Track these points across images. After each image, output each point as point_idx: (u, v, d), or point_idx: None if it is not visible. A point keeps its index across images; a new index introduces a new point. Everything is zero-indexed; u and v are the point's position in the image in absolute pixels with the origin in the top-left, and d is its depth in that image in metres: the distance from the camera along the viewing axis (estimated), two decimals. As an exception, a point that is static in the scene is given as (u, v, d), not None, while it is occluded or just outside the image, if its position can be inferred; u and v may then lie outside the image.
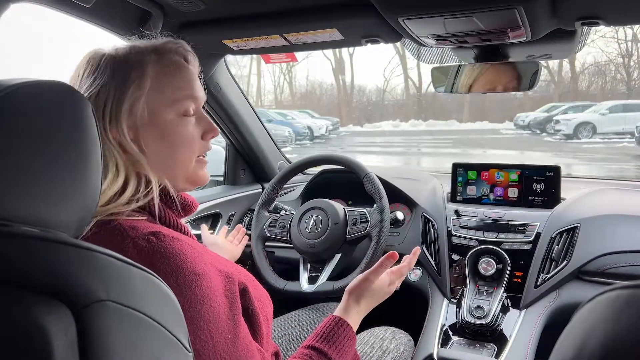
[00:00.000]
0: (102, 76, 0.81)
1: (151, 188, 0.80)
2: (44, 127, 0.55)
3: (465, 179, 1.67)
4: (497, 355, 1.29)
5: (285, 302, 1.54)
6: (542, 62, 1.36)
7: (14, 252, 0.50)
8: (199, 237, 1.81)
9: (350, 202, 1.87)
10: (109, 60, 0.82)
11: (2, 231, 0.51)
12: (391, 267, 1.11)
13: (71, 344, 0.46)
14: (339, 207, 1.58)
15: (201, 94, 0.89)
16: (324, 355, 0.91)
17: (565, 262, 1.38)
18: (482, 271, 1.45)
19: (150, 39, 0.89)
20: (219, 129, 1.93)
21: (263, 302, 0.89)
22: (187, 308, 0.70)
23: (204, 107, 0.94)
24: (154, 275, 0.56)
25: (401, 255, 1.62)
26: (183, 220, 0.88)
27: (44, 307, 0.46)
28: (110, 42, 0.89)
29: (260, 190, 2.10)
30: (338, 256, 1.54)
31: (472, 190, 1.66)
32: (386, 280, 1.10)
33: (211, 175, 0.97)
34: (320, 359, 0.91)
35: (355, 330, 1.00)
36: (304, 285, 1.51)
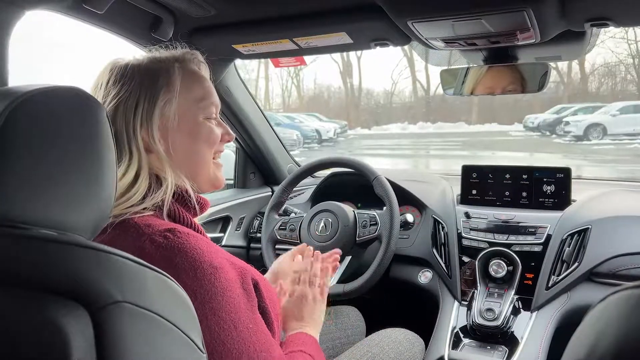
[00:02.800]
0: (130, 82, 0.85)
1: (166, 186, 0.83)
2: (60, 132, 0.57)
3: (475, 181, 1.67)
4: (509, 357, 1.29)
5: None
6: (552, 64, 1.35)
7: (32, 254, 0.51)
8: (214, 239, 1.83)
9: (359, 205, 1.87)
10: (135, 68, 0.86)
11: (20, 234, 0.52)
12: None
13: (89, 345, 0.47)
14: (348, 209, 1.58)
15: (218, 101, 0.95)
16: (308, 355, 0.93)
17: (576, 264, 1.38)
18: (492, 273, 1.45)
19: (168, 50, 0.95)
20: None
21: (274, 301, 0.91)
22: (208, 300, 0.72)
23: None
24: (167, 277, 0.57)
25: (411, 258, 1.63)
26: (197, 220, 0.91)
27: (62, 308, 0.47)
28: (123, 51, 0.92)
29: (270, 193, 2.11)
30: (348, 259, 1.54)
31: (482, 192, 1.66)
32: (297, 293, 1.09)
33: None
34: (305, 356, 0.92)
35: (312, 335, 1.02)
36: (315, 287, 1.52)
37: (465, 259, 1.52)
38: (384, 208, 1.53)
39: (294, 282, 1.13)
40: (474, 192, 1.66)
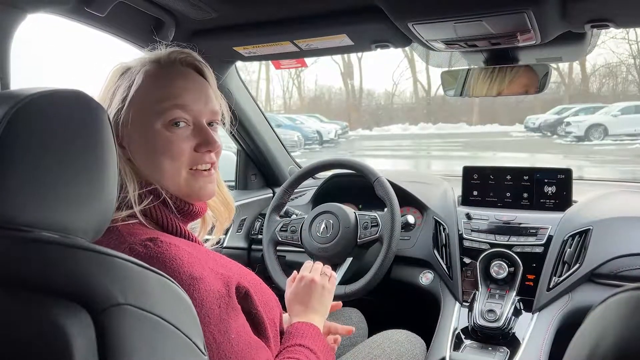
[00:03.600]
0: (103, 87, 0.86)
1: (143, 193, 0.82)
2: (62, 135, 0.57)
3: (477, 182, 1.67)
4: (510, 358, 1.29)
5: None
6: (552, 65, 1.35)
7: (35, 257, 0.51)
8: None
9: (360, 206, 1.88)
10: (114, 72, 0.87)
11: (23, 237, 0.53)
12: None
13: (90, 347, 0.47)
14: (349, 211, 1.58)
15: (199, 107, 0.86)
16: (308, 349, 0.92)
17: (577, 265, 1.38)
18: (494, 274, 1.45)
19: (159, 49, 0.91)
20: (233, 137, 1.95)
21: (270, 305, 0.90)
22: None
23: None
24: (170, 280, 0.57)
25: (412, 259, 1.63)
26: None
27: (64, 310, 0.47)
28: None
29: (271, 194, 2.11)
30: (349, 260, 1.54)
31: (483, 194, 1.66)
32: (306, 278, 1.09)
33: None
34: (305, 350, 0.91)
35: (319, 327, 1.00)
36: (316, 289, 1.52)
37: (467, 260, 1.52)
38: (385, 209, 1.53)
39: (305, 271, 1.12)
40: (475, 193, 1.66)
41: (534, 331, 1.33)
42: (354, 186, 1.85)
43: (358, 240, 1.53)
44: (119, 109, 0.83)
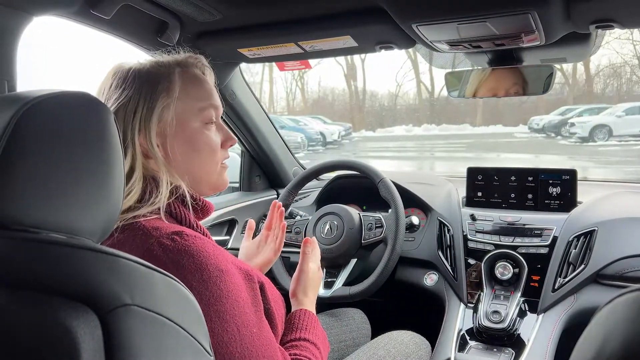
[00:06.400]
0: (131, 87, 0.85)
1: (162, 190, 0.83)
2: (70, 136, 0.57)
3: (481, 183, 1.67)
4: (515, 359, 1.29)
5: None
6: (557, 66, 1.35)
7: (42, 258, 0.52)
8: (220, 242, 1.84)
9: (364, 208, 1.88)
10: (136, 73, 0.87)
11: (30, 238, 0.53)
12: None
13: (98, 347, 0.47)
14: (354, 212, 1.58)
15: (220, 104, 0.94)
16: (312, 343, 0.94)
17: (582, 266, 1.37)
18: (498, 275, 1.45)
19: (172, 54, 0.94)
20: (238, 138, 1.96)
21: (278, 303, 0.92)
22: (213, 302, 0.72)
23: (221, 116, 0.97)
24: (175, 280, 0.58)
25: (416, 260, 1.63)
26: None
27: (71, 311, 0.48)
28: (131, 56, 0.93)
29: (275, 196, 2.11)
30: (354, 261, 1.54)
31: (487, 195, 1.65)
32: (315, 264, 1.13)
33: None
34: (310, 346, 0.93)
35: (309, 307, 1.05)
36: (320, 290, 1.52)
37: (471, 261, 1.52)
38: (390, 210, 1.53)
39: (309, 260, 1.12)
40: (480, 194, 1.66)
41: (539, 332, 1.33)
42: (358, 187, 1.85)
43: (362, 242, 1.53)
44: (164, 108, 0.85)
